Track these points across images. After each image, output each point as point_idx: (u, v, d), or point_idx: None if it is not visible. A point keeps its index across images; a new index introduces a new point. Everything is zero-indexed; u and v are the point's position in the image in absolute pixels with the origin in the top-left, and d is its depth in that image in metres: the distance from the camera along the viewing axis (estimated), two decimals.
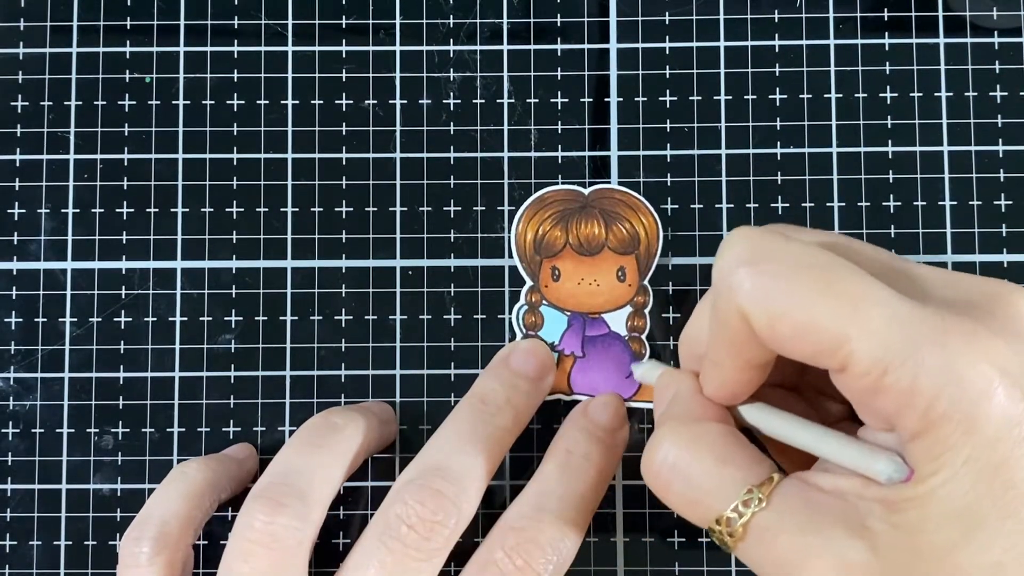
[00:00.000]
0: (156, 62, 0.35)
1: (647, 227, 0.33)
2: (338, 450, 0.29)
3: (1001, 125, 0.34)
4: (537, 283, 0.33)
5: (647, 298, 0.33)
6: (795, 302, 0.22)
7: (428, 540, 0.27)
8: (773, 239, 0.23)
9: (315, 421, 0.30)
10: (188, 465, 0.31)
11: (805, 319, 0.22)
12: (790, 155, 0.34)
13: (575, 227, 0.33)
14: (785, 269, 0.22)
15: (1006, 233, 0.34)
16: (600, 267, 0.33)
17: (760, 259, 0.22)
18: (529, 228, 0.33)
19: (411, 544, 0.27)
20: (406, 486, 0.28)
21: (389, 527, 0.27)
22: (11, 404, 0.34)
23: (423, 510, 0.27)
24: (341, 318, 0.34)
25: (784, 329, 0.22)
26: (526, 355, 0.31)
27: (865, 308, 0.21)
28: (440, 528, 0.27)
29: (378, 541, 0.27)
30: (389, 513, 0.27)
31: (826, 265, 0.22)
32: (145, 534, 0.29)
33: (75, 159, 0.34)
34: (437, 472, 0.28)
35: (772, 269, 0.22)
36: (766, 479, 0.24)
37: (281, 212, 0.34)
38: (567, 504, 0.29)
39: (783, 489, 0.23)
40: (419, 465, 0.28)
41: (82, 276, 0.34)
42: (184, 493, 0.30)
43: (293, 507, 0.27)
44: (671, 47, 0.34)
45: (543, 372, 0.32)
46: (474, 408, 0.30)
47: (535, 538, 0.28)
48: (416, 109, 0.34)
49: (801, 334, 0.22)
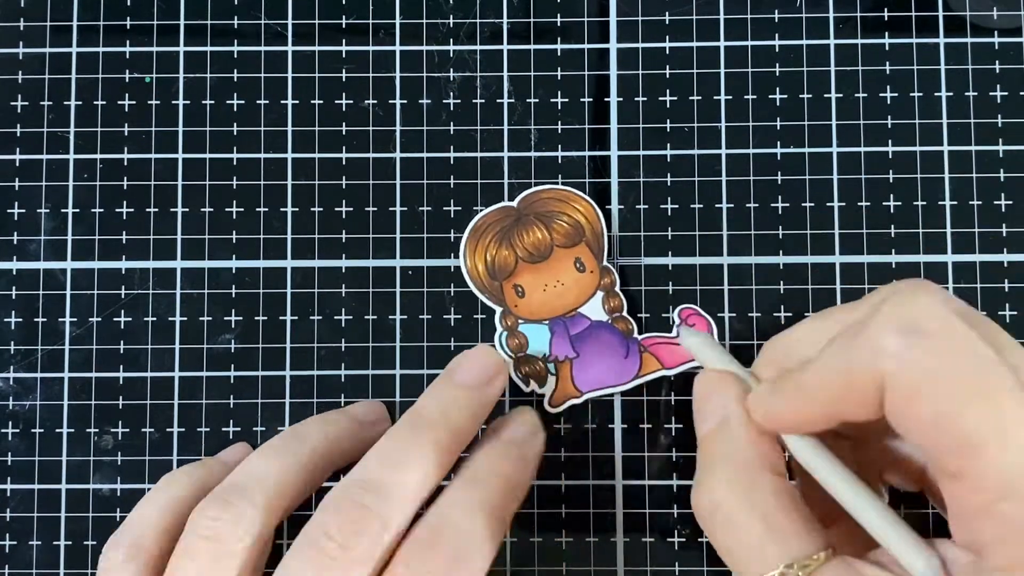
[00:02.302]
0: (156, 62, 0.35)
1: (584, 212, 0.33)
2: (296, 455, 0.29)
3: (1001, 125, 0.34)
4: (506, 306, 0.33)
5: (613, 277, 0.33)
6: (945, 390, 0.21)
7: (347, 550, 0.26)
8: (942, 313, 0.21)
9: (286, 430, 0.31)
10: (176, 474, 0.31)
11: (949, 412, 0.21)
12: (790, 155, 0.34)
13: (518, 240, 0.33)
14: (946, 353, 0.21)
15: (1006, 233, 0.33)
16: (557, 268, 0.33)
17: (923, 332, 0.21)
18: (477, 259, 0.33)
19: (330, 554, 0.26)
20: (329, 500, 0.27)
21: (309, 537, 0.27)
22: (11, 404, 0.34)
23: (342, 519, 0.27)
24: (341, 318, 0.34)
25: (921, 412, 0.21)
26: (467, 365, 0.30)
27: (1013, 426, 0.20)
28: (359, 538, 0.26)
29: (300, 552, 0.27)
30: (311, 525, 0.27)
31: (988, 364, 0.21)
32: (121, 541, 0.29)
33: (75, 159, 0.34)
34: (359, 484, 0.27)
35: (932, 347, 0.21)
36: (812, 555, 0.23)
37: (281, 212, 0.34)
38: (471, 516, 0.27)
39: (827, 572, 0.23)
40: (347, 479, 0.28)
41: (82, 276, 0.34)
42: (164, 504, 0.30)
43: (238, 507, 0.28)
44: (671, 47, 0.34)
45: (484, 377, 0.30)
46: (410, 423, 0.29)
47: (436, 548, 0.27)
48: (416, 109, 0.34)
49: (937, 424, 0.21)
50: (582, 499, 0.33)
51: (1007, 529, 0.20)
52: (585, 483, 0.33)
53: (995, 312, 0.33)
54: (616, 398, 0.33)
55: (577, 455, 0.33)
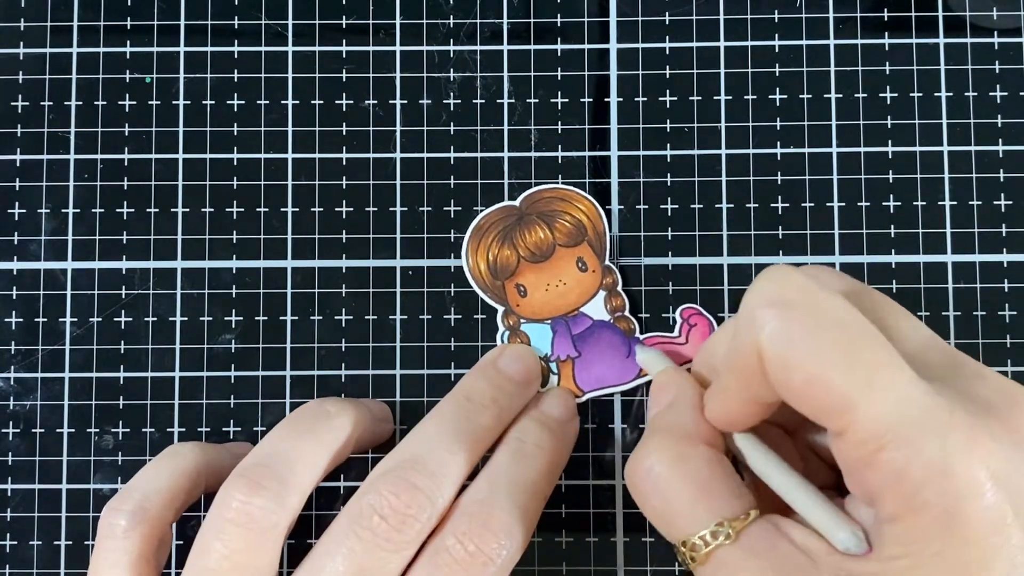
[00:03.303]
0: (156, 62, 0.35)
1: (586, 211, 0.33)
2: (326, 439, 0.29)
3: (1001, 125, 0.34)
4: (508, 306, 0.33)
5: (615, 276, 0.33)
6: (813, 356, 0.22)
7: (399, 532, 0.27)
8: (808, 285, 0.23)
9: (309, 406, 0.30)
10: (182, 445, 0.31)
11: (818, 375, 0.22)
12: (790, 155, 0.34)
13: (521, 240, 0.33)
14: (811, 320, 0.22)
15: (1006, 233, 0.34)
16: (559, 267, 0.33)
17: (789, 303, 0.22)
18: (479, 258, 0.33)
19: (381, 534, 0.27)
20: (381, 476, 0.27)
21: (361, 516, 0.27)
22: (11, 404, 0.34)
23: (396, 502, 0.27)
24: (341, 318, 0.34)
25: (795, 379, 0.22)
26: (515, 359, 0.31)
27: (879, 381, 0.21)
28: (412, 521, 0.27)
29: (349, 529, 0.27)
30: (362, 502, 0.27)
31: (852, 327, 0.22)
32: (124, 507, 0.29)
33: (75, 159, 0.34)
34: (414, 465, 0.28)
35: (798, 317, 0.22)
36: (741, 515, 0.24)
37: (281, 212, 0.34)
38: (519, 489, 0.28)
39: (754, 529, 0.24)
40: (396, 457, 0.28)
41: (82, 276, 0.34)
42: (171, 471, 0.30)
43: (272, 490, 0.27)
44: (671, 47, 0.34)
45: (529, 377, 0.32)
46: (459, 405, 0.30)
47: (487, 523, 0.27)
48: (416, 109, 0.34)
49: (810, 388, 0.22)
50: (582, 499, 0.33)
51: (889, 477, 0.21)
52: (585, 483, 0.33)
53: (995, 312, 0.33)
54: (616, 398, 0.33)
55: (577, 455, 0.33)
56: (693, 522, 0.24)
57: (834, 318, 0.22)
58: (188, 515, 0.33)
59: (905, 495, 0.21)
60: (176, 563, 0.33)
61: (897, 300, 0.25)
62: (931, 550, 0.21)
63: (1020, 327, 0.33)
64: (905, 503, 0.21)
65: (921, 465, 0.21)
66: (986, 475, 0.21)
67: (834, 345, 0.22)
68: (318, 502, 0.33)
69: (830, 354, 0.22)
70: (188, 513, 0.32)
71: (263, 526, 0.27)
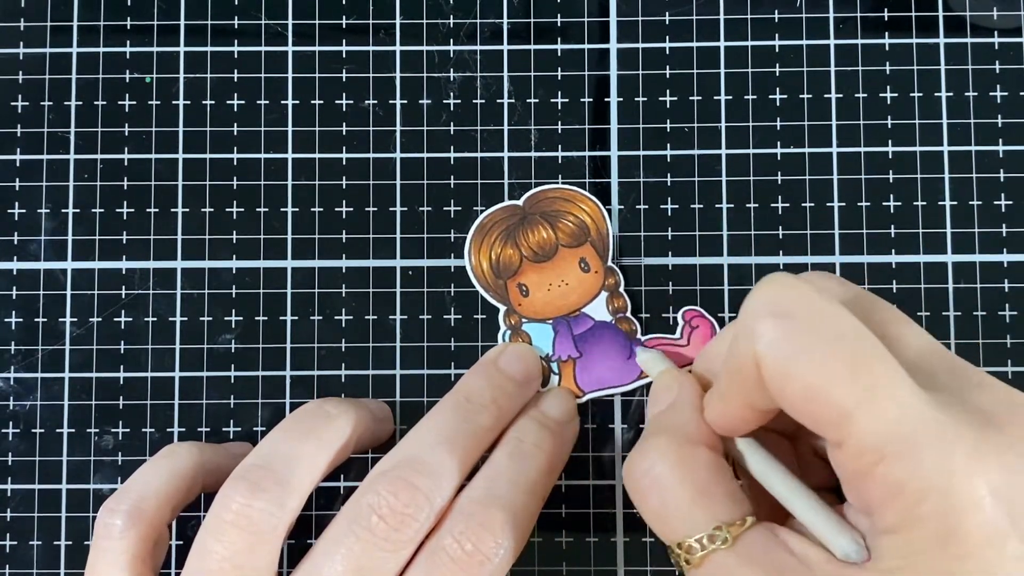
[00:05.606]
0: (156, 62, 0.35)
1: (590, 212, 0.33)
2: (326, 440, 0.29)
3: (1001, 125, 0.34)
4: (510, 305, 0.33)
5: (617, 278, 0.33)
6: (811, 368, 0.22)
7: (398, 532, 0.27)
8: (807, 293, 0.22)
9: (309, 407, 0.30)
10: (179, 445, 0.31)
11: (816, 386, 0.21)
12: (790, 155, 0.34)
13: (524, 239, 0.33)
14: (810, 331, 0.22)
15: (1006, 233, 0.34)
16: (562, 267, 0.33)
17: (788, 313, 0.22)
18: (481, 257, 0.33)
19: (380, 534, 0.27)
20: (380, 476, 0.27)
21: (360, 516, 0.27)
22: (11, 404, 0.34)
23: (395, 501, 0.27)
24: (341, 318, 0.34)
25: (793, 390, 0.22)
26: (516, 358, 0.31)
27: (878, 393, 0.21)
28: (410, 521, 0.27)
29: (347, 529, 0.27)
30: (361, 502, 0.27)
31: (852, 338, 0.22)
32: (120, 507, 0.29)
33: (75, 159, 0.34)
34: (412, 465, 0.27)
35: (797, 328, 0.22)
36: (739, 520, 0.24)
37: (281, 212, 0.34)
38: (517, 489, 0.28)
39: (751, 535, 0.24)
40: (395, 457, 0.28)
41: (82, 276, 0.34)
42: (168, 471, 0.30)
43: (271, 492, 0.27)
44: (671, 47, 0.34)
45: (530, 377, 0.32)
46: (458, 404, 0.30)
47: (484, 522, 0.27)
48: (416, 109, 0.34)
49: (809, 400, 0.22)
50: (582, 499, 0.33)
51: (887, 490, 0.21)
52: (585, 483, 0.33)
53: (995, 312, 0.33)
54: (616, 398, 0.33)
55: (577, 455, 0.33)
56: (690, 524, 0.24)
57: (833, 328, 0.22)
58: (188, 515, 0.33)
59: (903, 508, 0.21)
60: (176, 563, 0.33)
61: (897, 300, 0.25)
62: (927, 564, 0.21)
63: (1020, 327, 0.33)
64: (903, 516, 0.21)
65: (920, 479, 0.21)
66: (986, 490, 0.21)
67: (833, 356, 0.21)
68: (318, 502, 0.33)
69: (828, 365, 0.21)
70: (188, 513, 0.32)
71: (263, 528, 0.27)
